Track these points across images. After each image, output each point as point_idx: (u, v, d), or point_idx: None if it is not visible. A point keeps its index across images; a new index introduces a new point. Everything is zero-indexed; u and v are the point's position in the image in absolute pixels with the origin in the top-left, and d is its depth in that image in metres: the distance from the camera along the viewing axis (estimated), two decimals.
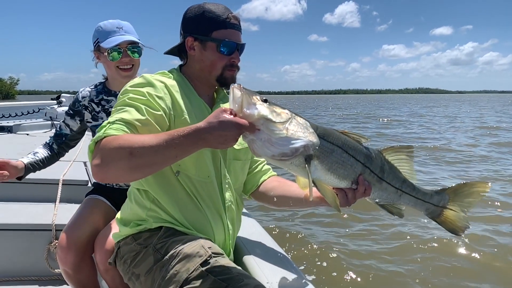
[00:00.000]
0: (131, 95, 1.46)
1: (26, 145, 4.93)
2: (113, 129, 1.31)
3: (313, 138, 1.27)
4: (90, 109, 2.36)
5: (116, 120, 1.35)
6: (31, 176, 3.24)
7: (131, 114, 1.39)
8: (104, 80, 2.47)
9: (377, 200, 1.52)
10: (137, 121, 1.37)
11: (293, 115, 1.28)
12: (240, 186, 1.77)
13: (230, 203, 1.65)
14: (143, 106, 1.42)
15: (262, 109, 1.23)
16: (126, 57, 2.29)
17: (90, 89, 2.41)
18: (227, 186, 1.64)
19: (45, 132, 5.97)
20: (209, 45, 1.60)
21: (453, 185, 1.63)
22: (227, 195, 1.64)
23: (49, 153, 2.41)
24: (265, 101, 1.26)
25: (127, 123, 1.35)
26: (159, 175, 1.53)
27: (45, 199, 3.11)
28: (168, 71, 1.67)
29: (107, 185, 2.39)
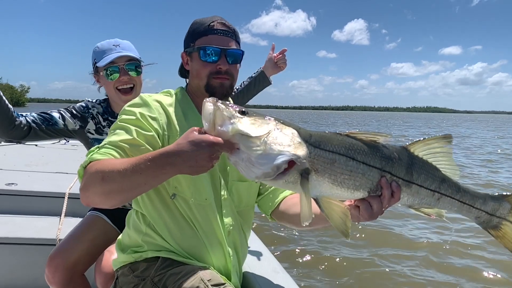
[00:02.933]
0: (123, 116, 1.45)
1: (34, 156, 4.95)
2: (99, 153, 1.30)
3: (299, 151, 1.08)
4: (96, 121, 2.28)
5: (105, 144, 1.35)
6: (37, 189, 3.28)
7: (119, 136, 1.37)
8: (107, 96, 2.36)
9: (410, 205, 1.28)
10: (123, 142, 1.35)
11: (277, 124, 1.11)
12: (246, 209, 1.67)
13: (231, 227, 1.57)
14: (133, 127, 1.39)
15: (237, 123, 1.07)
16: (125, 75, 2.19)
17: (97, 104, 2.33)
18: (228, 209, 1.57)
19: (54, 143, 6.00)
20: (194, 55, 1.57)
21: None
22: (228, 219, 1.56)
23: (11, 109, 2.03)
24: (243, 112, 1.10)
25: (114, 145, 1.34)
26: (155, 198, 1.50)
27: (51, 212, 3.10)
28: (175, 89, 1.65)
29: None
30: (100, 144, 1.36)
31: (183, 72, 1.68)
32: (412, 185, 1.23)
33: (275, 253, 4.49)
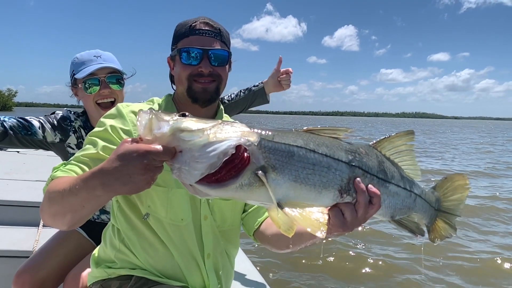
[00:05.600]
0: (95, 129, 1.39)
1: (16, 163, 4.84)
2: (62, 170, 1.25)
3: (249, 137, 0.94)
4: (78, 135, 2.15)
5: (71, 160, 1.29)
6: (15, 198, 3.18)
7: (85, 151, 1.31)
8: (83, 109, 2.23)
9: (392, 213, 1.13)
10: (86, 157, 1.29)
11: (223, 121, 0.97)
12: (231, 228, 1.55)
13: (212, 249, 1.47)
14: (101, 141, 1.32)
15: (177, 121, 0.93)
16: (106, 88, 2.05)
17: (76, 117, 2.19)
18: (208, 229, 1.47)
19: (37, 149, 5.87)
20: (176, 58, 1.47)
21: (437, 183, 1.34)
22: (208, 240, 1.46)
23: None
24: (184, 115, 0.96)
25: (78, 161, 1.28)
26: (129, 213, 1.42)
27: (29, 223, 3.01)
28: (162, 97, 1.57)
29: None
30: (68, 160, 1.31)
31: (172, 78, 1.59)
32: (389, 184, 1.10)
33: (268, 275, 4.35)
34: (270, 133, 0.99)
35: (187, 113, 0.97)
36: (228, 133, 0.92)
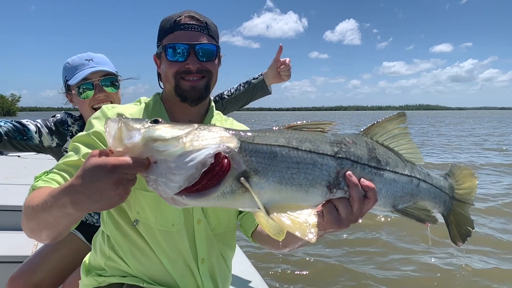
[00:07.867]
0: (79, 133, 1.35)
1: (15, 168, 4.81)
2: (44, 179, 1.20)
3: (228, 143, 0.88)
4: None
5: (53, 168, 1.25)
6: (14, 203, 3.15)
7: (68, 158, 1.27)
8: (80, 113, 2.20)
9: (393, 204, 1.07)
10: (68, 164, 1.24)
11: (200, 126, 0.91)
12: (226, 230, 1.49)
13: (206, 253, 1.42)
14: (83, 147, 1.27)
15: (149, 130, 0.86)
16: (101, 92, 2.01)
17: (74, 121, 2.16)
18: (202, 233, 1.41)
19: (37, 153, 5.85)
20: (162, 55, 1.41)
21: (448, 171, 1.29)
22: (202, 245, 1.41)
23: None
24: (156, 121, 0.90)
25: (60, 169, 1.24)
26: (119, 219, 1.37)
27: None
28: (151, 96, 1.51)
29: (87, 221, 2.19)
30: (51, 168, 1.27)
31: (160, 77, 1.52)
32: (384, 172, 1.04)
33: (269, 274, 4.30)
34: (250, 134, 0.94)
35: (160, 119, 0.91)
36: (206, 140, 0.86)
